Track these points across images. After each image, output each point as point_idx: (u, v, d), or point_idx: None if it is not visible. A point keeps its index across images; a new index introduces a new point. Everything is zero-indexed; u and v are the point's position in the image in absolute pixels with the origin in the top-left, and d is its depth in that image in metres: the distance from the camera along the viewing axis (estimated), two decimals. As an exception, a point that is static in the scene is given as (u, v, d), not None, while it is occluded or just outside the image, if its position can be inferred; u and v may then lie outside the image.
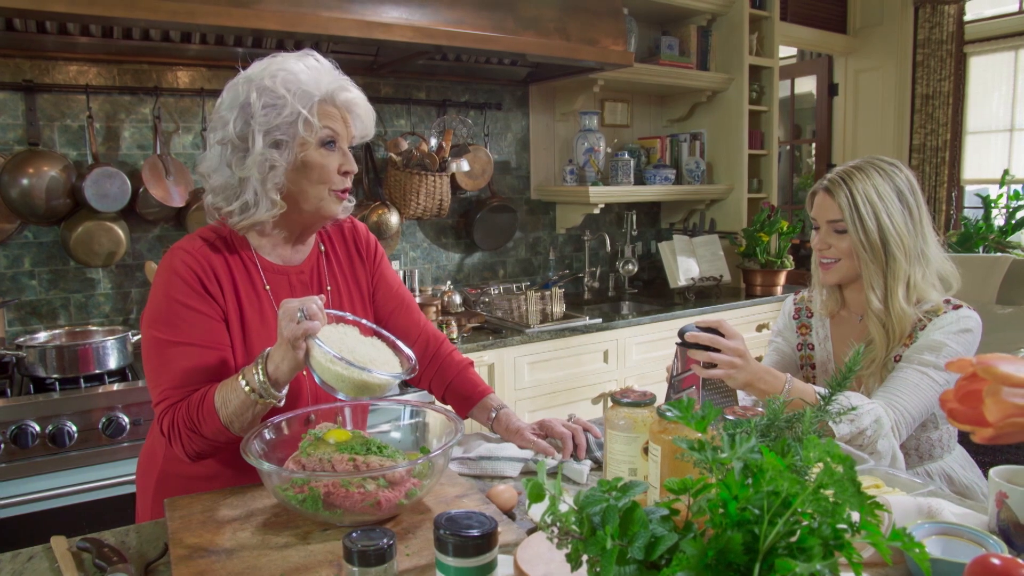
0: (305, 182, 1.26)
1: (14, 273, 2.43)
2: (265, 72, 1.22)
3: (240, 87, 1.23)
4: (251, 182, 1.23)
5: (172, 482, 1.31)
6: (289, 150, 1.23)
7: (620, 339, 3.03)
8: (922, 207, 1.53)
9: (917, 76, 4.46)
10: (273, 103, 1.21)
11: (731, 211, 3.87)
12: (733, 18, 3.72)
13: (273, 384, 1.13)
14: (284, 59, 1.24)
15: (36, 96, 2.40)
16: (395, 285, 1.51)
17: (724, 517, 0.66)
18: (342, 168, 1.28)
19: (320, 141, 1.25)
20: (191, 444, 1.19)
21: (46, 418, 1.95)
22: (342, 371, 1.10)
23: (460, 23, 2.55)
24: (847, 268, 1.55)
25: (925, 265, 1.52)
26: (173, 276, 1.24)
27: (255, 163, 1.21)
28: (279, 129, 1.21)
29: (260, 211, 1.24)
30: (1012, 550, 0.91)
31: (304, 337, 1.09)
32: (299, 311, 1.09)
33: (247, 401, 1.14)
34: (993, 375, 0.58)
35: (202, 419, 1.17)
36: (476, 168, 3.24)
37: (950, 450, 1.56)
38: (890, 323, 1.51)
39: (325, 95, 1.25)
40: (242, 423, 1.16)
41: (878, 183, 1.50)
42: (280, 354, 1.12)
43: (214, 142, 1.25)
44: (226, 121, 1.23)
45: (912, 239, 1.50)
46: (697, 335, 1.33)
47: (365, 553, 0.81)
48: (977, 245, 4.25)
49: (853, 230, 1.51)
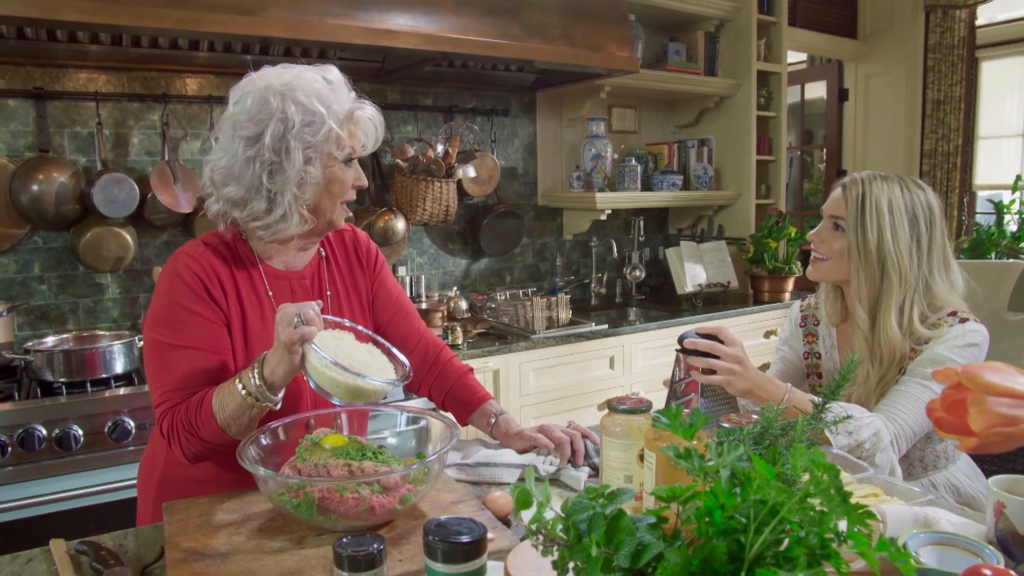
0: (326, 197, 1.28)
1: (24, 278, 2.46)
2: (295, 86, 1.21)
3: (271, 98, 1.20)
4: (286, 197, 1.22)
5: (172, 486, 1.32)
6: (319, 166, 1.24)
7: (626, 345, 3.02)
8: (935, 240, 1.46)
9: (928, 81, 4.43)
10: (311, 120, 1.21)
11: (739, 217, 3.86)
12: (741, 24, 3.71)
13: (269, 388, 1.14)
14: (310, 74, 1.23)
15: (46, 103, 2.43)
16: (395, 292, 1.52)
17: (710, 525, 0.65)
18: (356, 182, 1.32)
19: (345, 157, 1.27)
20: (189, 446, 1.21)
21: (53, 422, 1.97)
22: (337, 376, 1.10)
23: (466, 30, 2.56)
24: (833, 269, 1.52)
25: (927, 297, 1.45)
26: (176, 280, 1.25)
27: (294, 180, 1.21)
28: (314, 146, 1.22)
29: (292, 226, 1.25)
30: (1010, 561, 0.90)
31: (300, 342, 1.10)
32: (296, 316, 1.10)
33: (243, 404, 1.15)
34: (977, 384, 0.58)
35: (200, 422, 1.18)
36: (483, 174, 3.25)
37: (955, 460, 1.53)
38: (875, 342, 1.46)
39: (348, 113, 1.26)
40: (239, 426, 1.17)
41: (895, 197, 1.44)
42: (276, 358, 1.13)
43: (238, 152, 1.21)
44: (257, 133, 1.20)
45: (912, 267, 1.44)
46: (696, 341, 1.33)
47: (355, 559, 0.81)
48: (989, 251, 4.21)
49: (852, 232, 1.46)
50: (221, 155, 1.24)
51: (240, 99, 1.23)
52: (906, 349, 1.45)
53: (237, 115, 1.22)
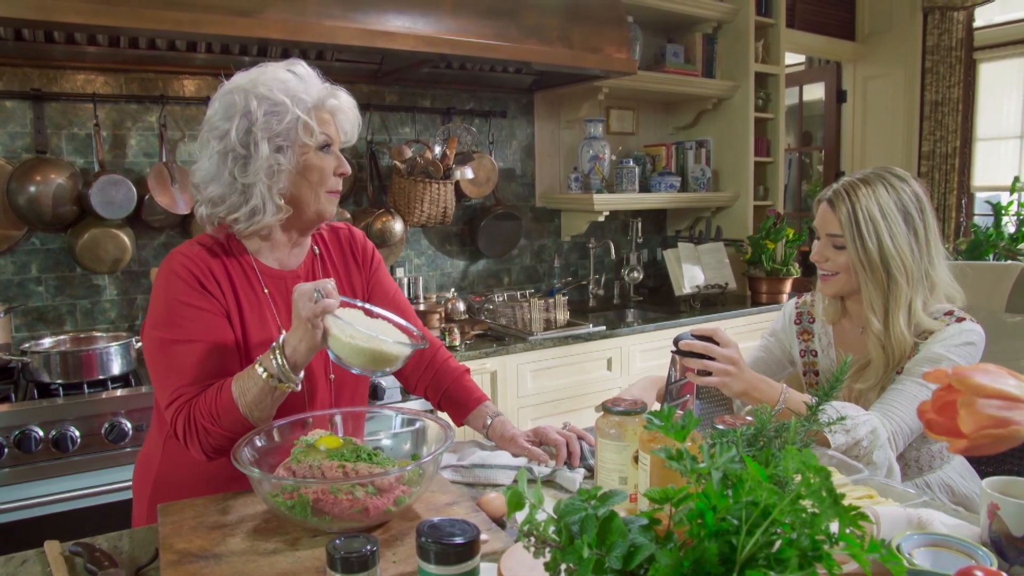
0: (305, 185, 1.29)
1: (21, 279, 2.46)
2: (258, 81, 1.25)
3: (236, 96, 1.25)
4: (258, 187, 1.25)
5: (167, 487, 1.32)
6: (292, 154, 1.26)
7: (624, 347, 3.02)
8: (930, 227, 1.47)
9: (926, 83, 4.43)
10: (274, 110, 1.24)
11: (737, 218, 3.86)
12: (739, 25, 3.71)
13: (292, 367, 1.16)
14: (274, 69, 1.27)
15: (44, 104, 2.43)
16: (391, 291, 1.53)
17: (702, 527, 0.65)
18: (337, 170, 1.33)
19: (318, 145, 1.29)
20: (208, 439, 1.20)
21: (50, 423, 1.97)
22: (362, 344, 1.13)
23: (463, 31, 2.56)
24: (845, 282, 1.52)
25: (929, 290, 1.47)
26: (172, 277, 1.26)
27: (262, 168, 1.24)
28: (281, 135, 1.25)
29: (267, 216, 1.27)
30: (1003, 562, 0.90)
31: (322, 315, 1.12)
32: (315, 291, 1.12)
33: (265, 388, 1.16)
34: (967, 386, 0.58)
35: (221, 412, 1.18)
36: (480, 176, 3.25)
37: (950, 460, 1.54)
38: (890, 345, 1.47)
39: (317, 101, 1.28)
40: (261, 412, 1.18)
41: (883, 199, 1.45)
42: (298, 336, 1.14)
43: (212, 152, 1.26)
44: (225, 130, 1.24)
45: (916, 262, 1.45)
46: (691, 343, 1.33)
47: (348, 560, 0.81)
48: (987, 252, 4.21)
49: (852, 248, 1.46)
50: (201, 159, 1.29)
51: (212, 103, 1.28)
52: (911, 341, 1.47)
53: (210, 118, 1.27)
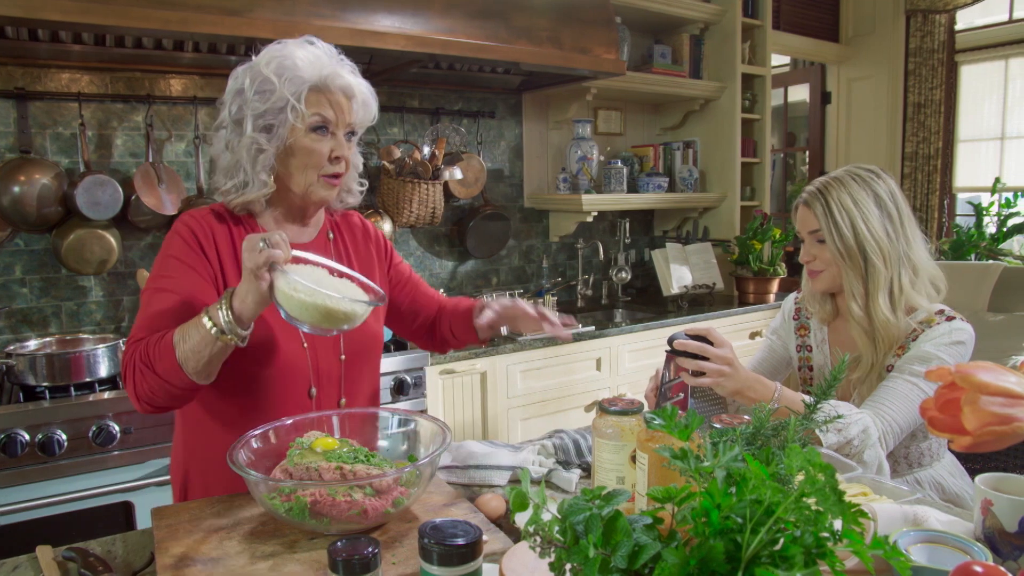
0: (293, 165, 1.30)
1: (5, 281, 2.42)
2: (263, 59, 1.27)
3: (240, 74, 1.28)
4: (243, 163, 1.28)
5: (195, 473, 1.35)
6: (279, 135, 1.27)
7: (613, 347, 3.03)
8: (904, 211, 1.52)
9: (909, 85, 4.49)
10: (264, 89, 1.25)
11: (724, 219, 3.89)
12: (726, 27, 3.74)
13: (237, 321, 1.11)
14: (285, 45, 1.28)
15: (28, 104, 2.40)
16: (406, 271, 1.60)
17: (706, 526, 0.66)
18: (334, 153, 1.30)
19: (309, 127, 1.28)
20: (144, 384, 1.16)
21: (36, 426, 1.94)
22: (306, 298, 1.08)
23: (453, 32, 2.55)
24: (832, 277, 1.55)
25: (912, 271, 1.51)
26: (173, 236, 1.30)
27: (244, 146, 1.27)
28: (268, 114, 1.26)
29: (251, 190, 1.30)
30: (997, 557, 0.92)
31: (266, 265, 1.07)
32: (261, 241, 1.08)
33: (207, 338, 1.10)
34: (971, 383, 0.58)
35: (158, 355, 1.14)
36: (469, 176, 3.25)
37: (940, 458, 1.56)
38: (874, 332, 1.50)
39: (318, 81, 1.27)
40: (197, 362, 1.12)
41: (854, 191, 1.50)
42: (245, 287, 1.10)
43: (220, 126, 1.32)
44: (226, 105, 1.30)
45: (892, 244, 1.49)
46: (685, 343, 1.33)
47: (350, 562, 0.81)
48: (969, 252, 4.27)
49: (830, 238, 1.51)
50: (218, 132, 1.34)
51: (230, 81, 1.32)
52: (903, 325, 1.49)
53: (225, 94, 1.31)
